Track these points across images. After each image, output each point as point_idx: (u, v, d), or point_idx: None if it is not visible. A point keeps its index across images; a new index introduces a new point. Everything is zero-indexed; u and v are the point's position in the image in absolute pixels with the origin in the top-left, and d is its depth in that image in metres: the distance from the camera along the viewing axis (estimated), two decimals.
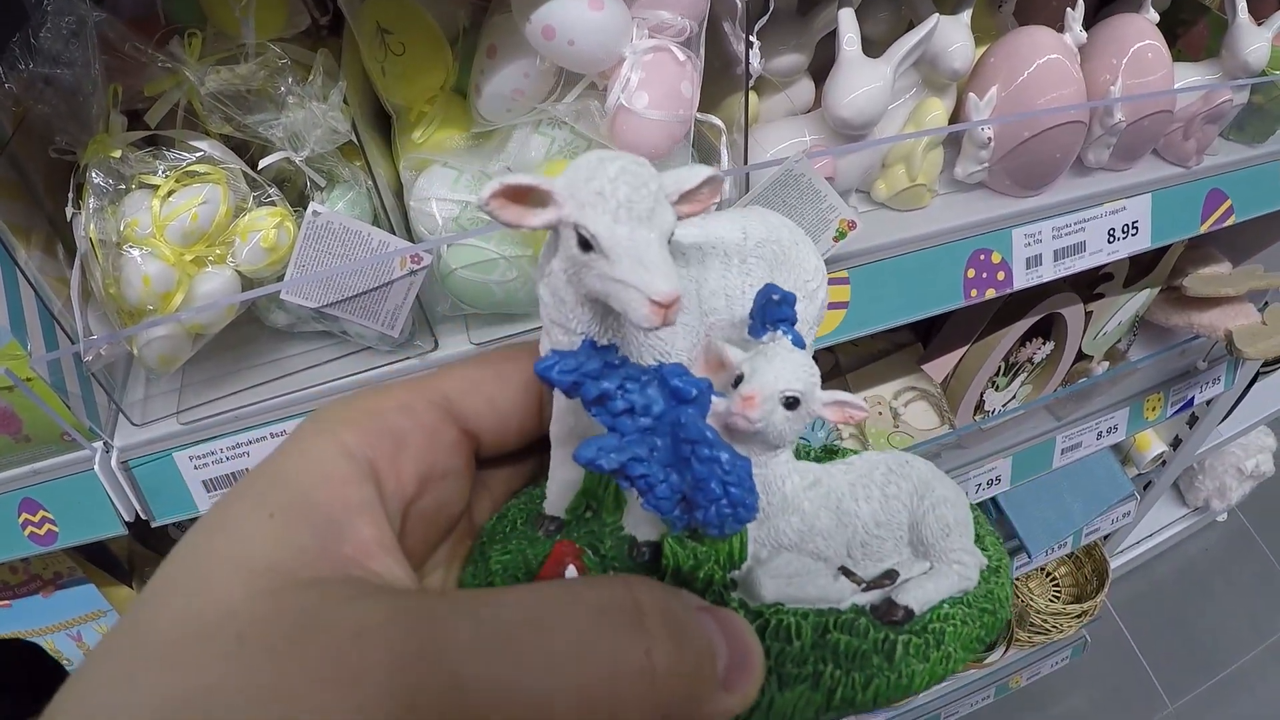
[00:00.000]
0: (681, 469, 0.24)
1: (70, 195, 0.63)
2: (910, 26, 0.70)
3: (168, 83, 0.61)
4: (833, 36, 0.67)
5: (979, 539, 0.31)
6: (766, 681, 0.25)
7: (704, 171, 0.25)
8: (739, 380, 0.27)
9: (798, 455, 0.31)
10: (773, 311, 0.28)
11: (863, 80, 0.64)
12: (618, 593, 0.21)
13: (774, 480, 0.29)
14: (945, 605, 0.28)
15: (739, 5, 0.58)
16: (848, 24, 0.65)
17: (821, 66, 0.68)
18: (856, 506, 0.30)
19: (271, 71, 0.55)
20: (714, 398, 0.26)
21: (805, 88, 0.69)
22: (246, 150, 0.61)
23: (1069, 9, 0.74)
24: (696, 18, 0.58)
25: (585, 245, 0.24)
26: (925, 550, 0.30)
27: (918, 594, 0.28)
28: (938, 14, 0.68)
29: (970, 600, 0.29)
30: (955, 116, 0.74)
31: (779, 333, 0.28)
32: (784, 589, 0.28)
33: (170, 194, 0.58)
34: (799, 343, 0.28)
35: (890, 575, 0.29)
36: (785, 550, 0.29)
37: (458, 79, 0.59)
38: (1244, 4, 0.78)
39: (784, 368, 0.27)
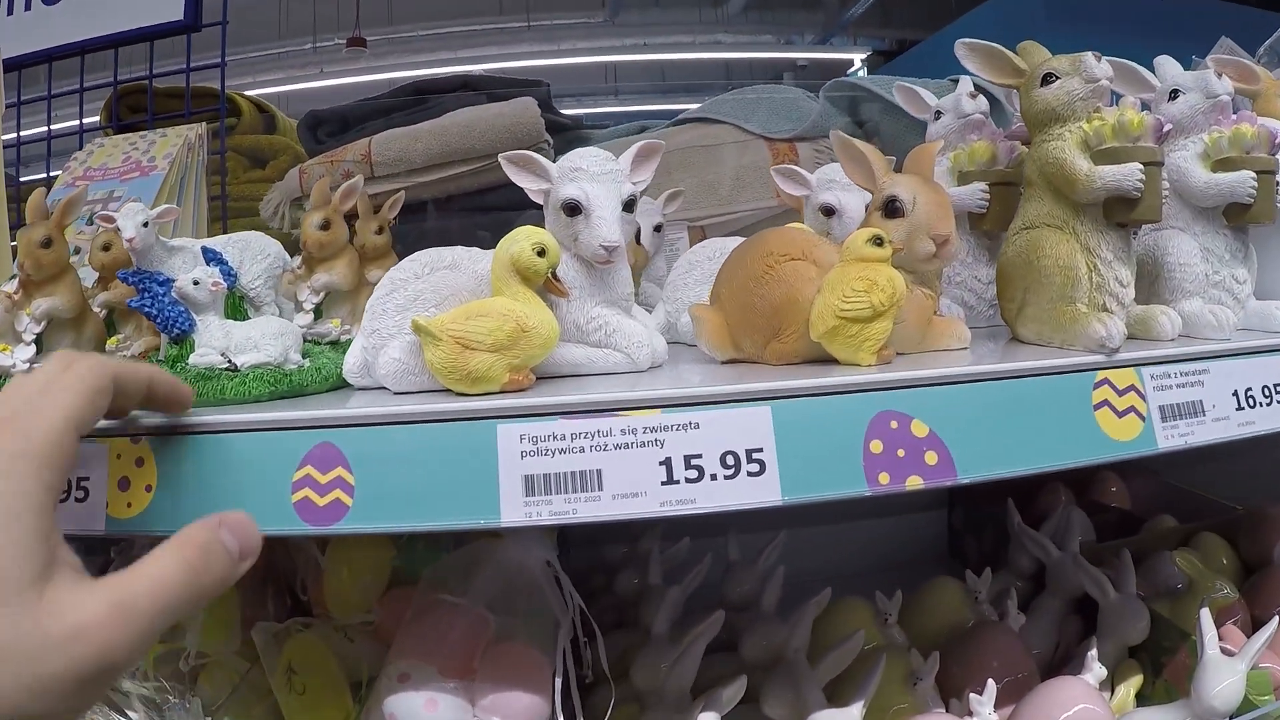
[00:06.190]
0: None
1: None
2: None
3: None
4: None
5: None
6: (223, 379, 0.56)
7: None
8: None
9: None
10: None
11: (1225, 675, 0.71)
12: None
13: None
14: (250, 371, 0.57)
15: None
16: (1208, 626, 0.72)
17: None
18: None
19: None
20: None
21: None
22: None
23: None
24: None
25: None
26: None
27: (244, 357, 0.57)
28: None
29: (269, 374, 0.57)
30: None
31: None
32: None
33: None
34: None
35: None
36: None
37: None
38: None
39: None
